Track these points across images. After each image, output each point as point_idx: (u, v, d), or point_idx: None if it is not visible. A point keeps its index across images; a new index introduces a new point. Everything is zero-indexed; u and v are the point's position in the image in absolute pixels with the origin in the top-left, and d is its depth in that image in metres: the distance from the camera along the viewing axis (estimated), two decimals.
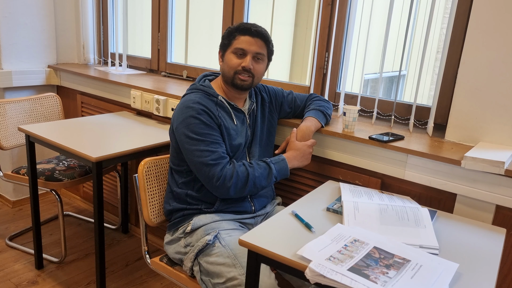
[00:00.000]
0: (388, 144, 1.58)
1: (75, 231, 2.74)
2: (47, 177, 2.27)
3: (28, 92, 2.89)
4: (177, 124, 1.55)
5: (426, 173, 1.54)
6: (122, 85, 2.51)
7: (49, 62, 2.96)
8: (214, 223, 1.55)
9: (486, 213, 1.45)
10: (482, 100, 1.53)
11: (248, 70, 1.57)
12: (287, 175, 1.59)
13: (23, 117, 2.55)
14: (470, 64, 1.54)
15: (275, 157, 1.58)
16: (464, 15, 1.63)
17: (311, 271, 1.02)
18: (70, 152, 1.85)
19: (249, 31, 1.56)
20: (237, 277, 1.38)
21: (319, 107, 1.77)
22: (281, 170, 1.56)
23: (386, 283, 0.99)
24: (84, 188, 3.06)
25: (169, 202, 1.66)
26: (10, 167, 2.89)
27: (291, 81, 2.25)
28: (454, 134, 1.62)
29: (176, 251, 1.61)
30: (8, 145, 2.45)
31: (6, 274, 2.25)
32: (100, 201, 1.86)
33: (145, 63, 2.89)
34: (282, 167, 1.56)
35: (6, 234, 2.62)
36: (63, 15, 2.98)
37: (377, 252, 1.11)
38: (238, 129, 1.63)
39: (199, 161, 1.49)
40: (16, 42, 2.75)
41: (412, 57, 4.36)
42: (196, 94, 1.58)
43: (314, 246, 1.12)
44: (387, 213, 1.33)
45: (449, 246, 1.22)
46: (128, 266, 2.41)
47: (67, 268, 2.34)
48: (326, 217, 1.34)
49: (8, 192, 3.00)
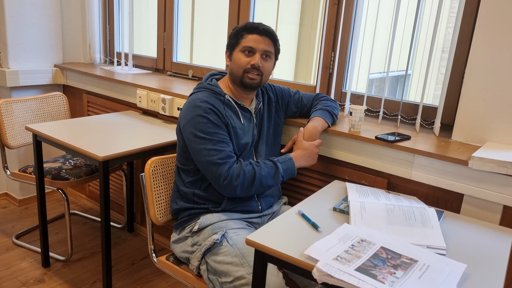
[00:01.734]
0: (395, 144, 1.58)
1: (81, 229, 2.76)
2: (53, 176, 2.29)
3: (34, 92, 2.91)
4: (185, 123, 1.56)
5: (433, 173, 1.54)
6: (128, 85, 2.52)
7: (56, 61, 2.97)
8: (222, 222, 1.56)
9: (494, 213, 1.45)
10: (489, 100, 1.53)
11: (257, 68, 1.57)
12: (294, 175, 1.59)
13: (29, 116, 2.57)
14: (478, 64, 1.53)
15: (282, 157, 1.58)
16: (472, 15, 1.63)
17: (318, 271, 1.02)
18: (77, 151, 1.86)
19: (257, 30, 1.57)
20: (245, 276, 1.38)
21: (326, 107, 1.77)
22: (288, 170, 1.56)
23: (394, 283, 0.99)
24: (90, 187, 3.07)
25: (176, 201, 1.67)
26: (17, 166, 2.91)
27: (296, 81, 2.25)
28: (461, 134, 1.62)
29: (183, 250, 1.61)
30: (15, 144, 2.47)
31: (13, 272, 2.27)
32: (106, 200, 1.87)
33: (151, 63, 2.90)
34: (289, 167, 1.56)
35: (13, 233, 2.64)
36: (69, 15, 2.99)
37: (384, 252, 1.11)
38: (245, 128, 1.63)
39: (206, 160, 1.50)
40: (23, 41, 2.77)
41: (417, 56, 4.34)
42: (204, 93, 1.59)
43: (321, 246, 1.12)
44: (394, 213, 1.33)
45: (457, 246, 1.22)
46: (133, 265, 2.42)
47: (73, 266, 2.36)
48: (332, 217, 1.34)
49: (14, 190, 3.01)
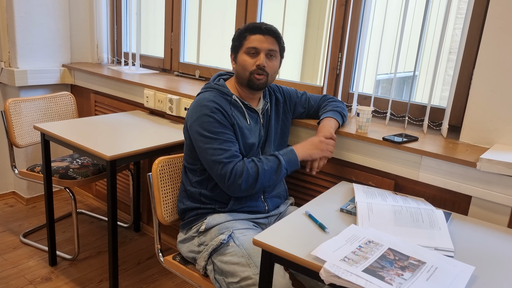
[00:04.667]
0: (402, 145, 1.57)
1: (87, 228, 2.77)
2: (61, 175, 2.30)
3: (42, 91, 2.93)
4: (191, 122, 1.56)
5: (441, 175, 1.53)
6: (135, 85, 2.53)
7: (64, 61, 2.99)
8: (228, 222, 1.56)
9: (502, 215, 1.44)
10: (497, 102, 1.52)
11: (262, 68, 1.57)
12: (298, 166, 1.56)
13: (37, 115, 2.58)
14: (486, 66, 1.52)
15: (283, 149, 1.57)
16: (480, 17, 1.62)
17: (326, 272, 1.02)
18: (85, 151, 1.87)
19: (259, 30, 1.57)
20: (251, 277, 1.38)
21: (336, 108, 1.77)
22: (290, 161, 1.54)
23: (402, 284, 0.98)
24: (97, 187, 3.09)
25: (182, 201, 1.67)
26: (25, 165, 2.93)
27: (302, 81, 2.25)
28: (469, 135, 1.61)
29: (189, 249, 1.62)
30: (23, 143, 2.49)
31: (20, 270, 2.28)
32: (113, 199, 1.88)
33: (158, 63, 2.91)
34: (291, 158, 1.54)
35: (20, 231, 2.66)
36: (77, 15, 3.01)
37: (391, 254, 1.11)
38: (252, 128, 1.63)
39: (212, 159, 1.50)
40: (31, 41, 2.79)
41: (424, 58, 4.33)
42: (211, 93, 1.59)
43: (328, 246, 1.12)
44: (402, 215, 1.32)
45: (464, 248, 1.21)
46: (140, 264, 2.43)
47: (80, 265, 2.37)
48: (339, 218, 1.34)
49: (22, 189, 3.04)
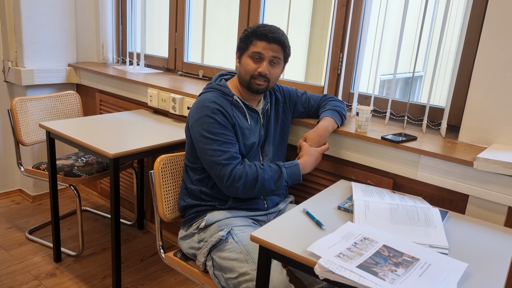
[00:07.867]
0: (401, 145, 1.59)
1: (92, 226, 2.81)
2: (66, 172, 2.34)
3: (48, 90, 2.97)
4: (192, 123, 1.59)
5: (439, 174, 1.55)
6: (139, 84, 2.56)
7: (69, 61, 3.03)
8: (228, 219, 1.58)
9: (498, 214, 1.45)
10: (496, 102, 1.53)
11: (264, 76, 1.59)
12: (299, 181, 1.59)
13: (43, 114, 2.62)
14: (485, 65, 1.53)
15: (289, 162, 1.59)
16: (479, 17, 1.63)
17: (320, 267, 1.04)
18: (89, 149, 1.90)
19: (266, 37, 1.57)
20: (249, 272, 1.41)
21: (335, 107, 1.78)
22: (293, 175, 1.56)
23: (394, 280, 1.00)
24: (101, 184, 3.13)
25: (183, 198, 1.70)
26: (31, 163, 2.97)
27: (306, 81, 2.26)
28: (467, 135, 1.62)
29: (190, 246, 1.64)
30: (29, 141, 2.53)
31: (25, 266, 2.32)
32: (116, 196, 1.91)
33: (162, 62, 2.94)
34: (294, 172, 1.56)
35: (26, 228, 2.70)
36: (83, 15, 3.05)
37: (386, 250, 1.13)
38: (252, 129, 1.65)
39: (211, 160, 1.53)
40: (38, 41, 2.83)
41: (430, 58, 4.32)
42: (212, 93, 1.61)
43: (324, 243, 1.14)
44: (398, 213, 1.34)
45: (459, 246, 1.23)
46: (143, 261, 2.46)
47: (84, 261, 2.41)
48: (337, 216, 1.36)
49: (28, 187, 3.08)
